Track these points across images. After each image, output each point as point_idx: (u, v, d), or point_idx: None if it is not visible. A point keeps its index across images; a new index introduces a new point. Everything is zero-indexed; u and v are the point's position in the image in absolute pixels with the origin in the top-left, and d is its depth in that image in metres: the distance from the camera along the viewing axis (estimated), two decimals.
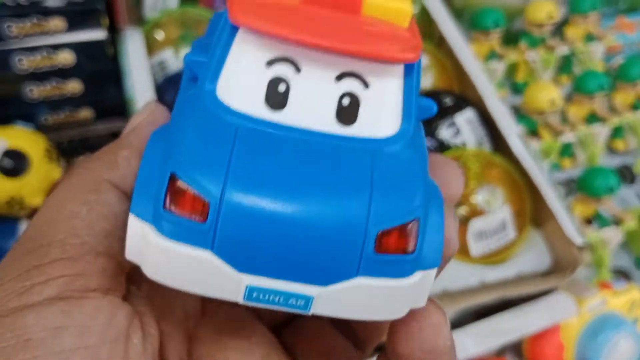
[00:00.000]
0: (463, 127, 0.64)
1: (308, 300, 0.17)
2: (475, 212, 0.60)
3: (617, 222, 0.66)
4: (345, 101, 0.19)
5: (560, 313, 0.58)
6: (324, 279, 0.17)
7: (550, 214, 0.59)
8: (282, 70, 0.18)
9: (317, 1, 0.18)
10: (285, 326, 0.25)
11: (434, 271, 0.18)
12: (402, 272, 0.18)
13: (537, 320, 0.57)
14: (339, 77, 0.19)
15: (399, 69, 0.19)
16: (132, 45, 0.64)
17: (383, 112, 0.19)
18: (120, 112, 0.64)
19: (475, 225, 0.59)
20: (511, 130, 0.64)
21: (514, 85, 0.79)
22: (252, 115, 0.18)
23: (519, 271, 0.60)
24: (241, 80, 0.19)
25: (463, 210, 0.60)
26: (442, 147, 0.63)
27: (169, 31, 0.68)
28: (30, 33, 0.58)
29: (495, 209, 0.60)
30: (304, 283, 0.17)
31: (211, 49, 0.19)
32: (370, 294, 0.17)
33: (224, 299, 0.18)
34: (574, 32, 0.81)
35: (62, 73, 0.60)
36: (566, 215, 0.59)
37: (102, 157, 0.21)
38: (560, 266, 0.59)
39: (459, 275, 0.58)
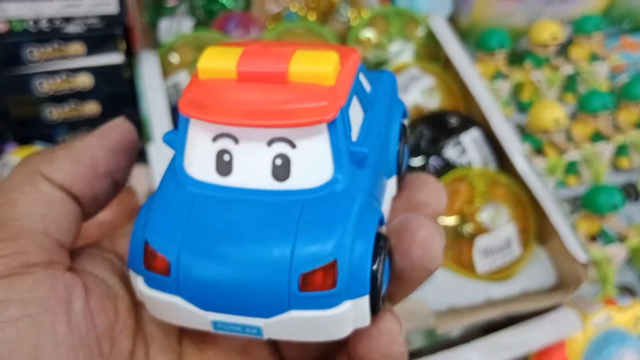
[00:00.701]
0: (469, 147, 0.65)
1: (259, 329, 0.21)
2: (481, 230, 0.61)
3: (622, 238, 0.67)
4: (278, 161, 0.22)
5: (565, 328, 0.59)
6: (266, 312, 0.21)
7: (555, 231, 0.60)
8: (225, 143, 0.22)
9: (250, 77, 0.22)
10: None
11: (364, 298, 0.21)
12: (328, 304, 0.21)
13: (542, 336, 0.58)
14: (270, 143, 0.22)
15: (320, 128, 0.22)
16: (148, 68, 0.66)
17: (312, 165, 0.22)
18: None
19: (481, 242, 0.60)
20: (516, 150, 0.65)
21: (520, 104, 0.80)
22: (207, 182, 0.23)
23: (524, 287, 0.61)
24: (196, 155, 0.23)
25: (469, 228, 0.62)
26: (448, 167, 0.64)
27: (184, 54, 0.70)
28: (51, 57, 0.60)
29: (501, 227, 0.62)
30: (252, 317, 0.21)
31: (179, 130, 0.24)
32: (305, 323, 0.21)
33: (199, 329, 0.22)
34: (578, 52, 0.82)
35: (81, 95, 0.62)
36: (570, 232, 0.60)
37: (41, 154, 0.25)
38: (565, 282, 0.60)
39: (465, 291, 0.59)
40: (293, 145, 0.22)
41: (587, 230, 0.67)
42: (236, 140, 0.22)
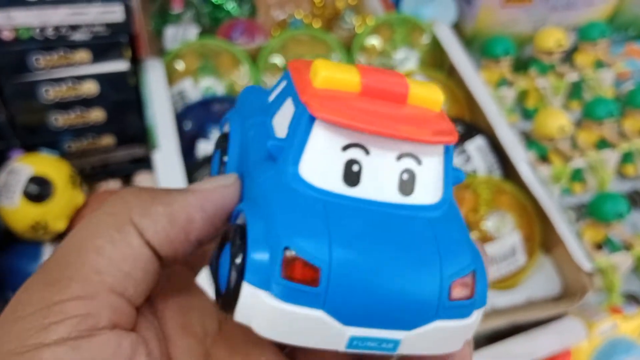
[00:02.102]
0: (473, 155, 0.65)
1: (396, 343, 0.21)
2: (486, 238, 0.61)
3: (628, 247, 0.67)
4: (405, 176, 0.22)
5: (570, 337, 0.59)
6: (410, 324, 0.21)
7: (560, 240, 0.60)
8: (355, 153, 0.22)
9: (373, 92, 0.22)
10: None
11: (482, 309, 0.22)
12: (466, 313, 0.21)
13: (548, 345, 0.58)
14: (399, 157, 0.22)
15: (440, 149, 0.23)
16: (153, 75, 0.66)
17: (431, 184, 0.23)
18: (141, 139, 0.66)
19: (486, 251, 0.60)
20: (521, 158, 0.65)
21: (525, 111, 0.80)
22: (333, 192, 0.22)
23: (529, 296, 0.61)
24: (322, 163, 0.22)
25: (474, 236, 0.61)
26: None
27: (189, 62, 0.71)
28: (57, 65, 0.60)
29: (505, 235, 0.61)
30: (394, 329, 0.21)
31: (289, 135, 0.23)
32: (443, 333, 0.21)
33: (326, 349, 0.21)
34: (583, 59, 0.82)
35: (86, 102, 0.63)
36: (575, 241, 0.60)
37: (137, 202, 0.22)
38: (570, 291, 0.60)
39: None
40: (419, 162, 0.23)
41: (593, 239, 0.67)
42: (367, 152, 0.22)
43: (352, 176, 0.22)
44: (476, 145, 0.66)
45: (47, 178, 0.57)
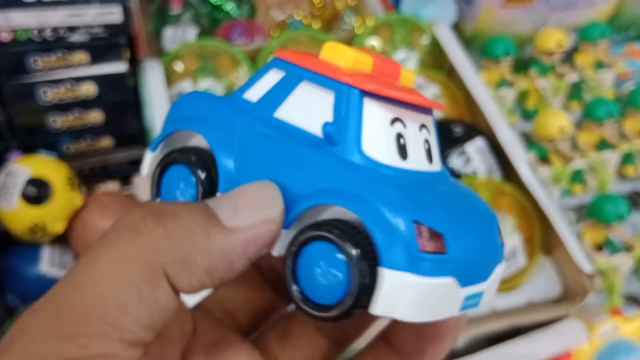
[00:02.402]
0: (473, 156, 0.65)
1: (480, 294, 0.22)
2: None
3: (628, 248, 0.66)
4: (426, 145, 0.24)
5: (571, 339, 0.58)
6: (487, 274, 0.22)
7: (560, 241, 0.60)
8: (399, 127, 0.23)
9: (380, 71, 0.24)
10: (270, 335, 0.27)
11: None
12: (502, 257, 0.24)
13: (548, 347, 0.58)
14: (420, 128, 0.24)
15: (432, 118, 0.25)
16: (152, 77, 0.66)
17: (437, 151, 0.25)
18: (139, 140, 0.66)
19: None
20: (521, 159, 0.65)
21: (525, 112, 0.80)
22: (398, 167, 0.22)
23: (529, 298, 0.60)
24: (378, 138, 0.22)
25: None
26: (452, 176, 0.64)
27: (188, 63, 0.70)
28: (55, 66, 0.60)
29: (506, 237, 0.61)
30: (482, 282, 0.22)
31: (341, 116, 0.22)
32: (498, 279, 0.23)
33: (444, 318, 0.21)
34: (583, 59, 0.82)
35: (85, 104, 0.62)
36: (576, 243, 0.60)
37: (170, 248, 0.19)
38: (571, 293, 0.60)
39: None
40: (429, 132, 0.24)
41: (593, 240, 0.67)
42: (404, 125, 0.23)
43: (402, 150, 0.23)
44: (476, 147, 0.66)
45: (46, 180, 0.57)
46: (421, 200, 0.21)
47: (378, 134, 0.22)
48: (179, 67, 0.70)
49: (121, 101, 0.64)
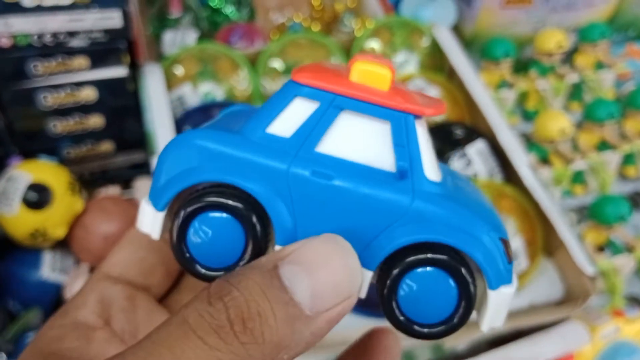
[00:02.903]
0: (474, 158, 0.65)
1: None
2: None
3: (630, 249, 0.66)
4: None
5: (573, 342, 0.58)
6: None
7: (562, 244, 0.60)
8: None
9: (398, 94, 0.23)
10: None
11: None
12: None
13: (550, 349, 0.58)
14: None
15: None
16: (152, 81, 0.66)
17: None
18: (140, 144, 0.66)
19: None
20: (522, 161, 0.65)
21: (525, 113, 0.80)
22: (439, 182, 0.23)
23: (531, 300, 0.60)
24: (432, 160, 0.23)
25: None
26: None
27: (188, 67, 0.70)
28: (55, 71, 0.60)
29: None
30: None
31: (404, 146, 0.22)
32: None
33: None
34: (583, 60, 0.82)
35: (85, 108, 0.62)
36: (577, 245, 0.60)
37: (262, 348, 0.19)
38: (573, 295, 0.60)
39: None
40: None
41: (595, 241, 0.67)
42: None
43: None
44: (477, 149, 0.66)
45: (46, 185, 0.57)
46: (482, 213, 0.22)
47: (430, 156, 0.23)
48: (179, 71, 0.70)
49: (121, 106, 0.64)
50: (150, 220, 0.23)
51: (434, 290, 0.22)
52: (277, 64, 0.73)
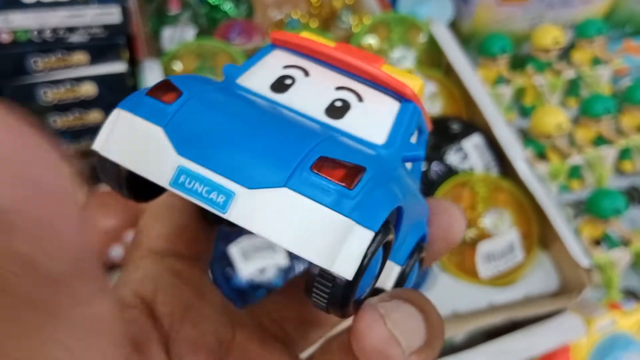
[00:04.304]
0: (470, 152, 0.65)
1: (229, 196, 0.17)
2: (484, 235, 0.61)
3: (626, 243, 0.67)
4: (338, 103, 0.21)
5: (569, 333, 0.59)
6: (251, 181, 0.17)
7: (557, 236, 0.60)
8: (293, 72, 0.22)
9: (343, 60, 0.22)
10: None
11: (368, 233, 0.17)
12: (333, 202, 0.17)
13: (546, 341, 0.58)
14: (339, 88, 0.21)
15: (395, 106, 0.22)
16: (151, 76, 0.66)
17: (368, 123, 0.21)
18: None
19: (484, 247, 0.60)
20: (518, 155, 0.65)
21: (522, 108, 0.80)
22: (256, 92, 0.22)
23: (527, 292, 0.61)
24: (257, 74, 0.22)
25: (471, 234, 0.62)
26: (450, 172, 0.65)
27: (186, 62, 0.71)
28: (55, 67, 0.60)
29: (503, 232, 0.62)
30: (231, 180, 0.17)
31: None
32: (293, 212, 0.17)
33: (152, 179, 0.18)
34: (580, 56, 0.83)
35: (85, 104, 0.63)
36: (573, 237, 0.60)
37: None
38: (568, 287, 0.60)
39: (468, 297, 0.59)
40: (360, 99, 0.21)
41: (591, 235, 0.67)
42: (307, 73, 0.22)
43: (280, 86, 0.22)
44: (473, 143, 0.66)
45: None
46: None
47: (257, 71, 0.23)
48: (177, 67, 0.71)
49: (120, 101, 0.64)
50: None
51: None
52: None
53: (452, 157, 0.65)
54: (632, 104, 0.78)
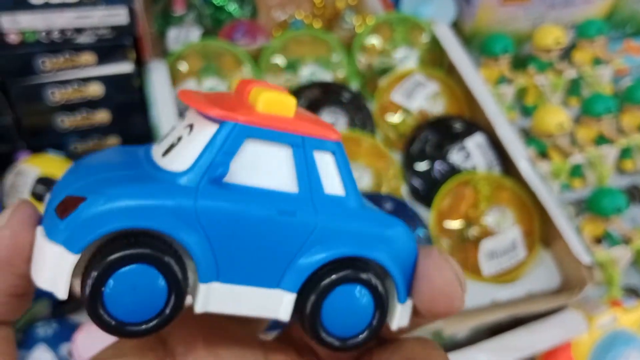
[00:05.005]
0: (473, 151, 0.66)
1: None
2: (486, 233, 0.62)
3: (627, 241, 0.67)
4: (174, 142, 0.24)
5: (570, 330, 0.59)
6: None
7: (559, 234, 0.61)
8: (183, 131, 0.24)
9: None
10: None
11: (70, 256, 0.20)
12: (52, 234, 0.21)
13: (548, 337, 0.59)
14: (186, 127, 0.24)
15: (212, 128, 0.22)
16: (157, 77, 0.67)
17: (184, 151, 0.23)
18: (145, 139, 0.67)
19: (487, 245, 0.61)
20: (520, 154, 0.66)
21: (524, 108, 0.81)
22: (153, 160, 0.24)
23: (529, 290, 0.61)
24: (165, 142, 0.24)
25: (474, 231, 0.62)
26: (452, 171, 0.65)
27: (192, 63, 0.71)
28: (63, 67, 0.61)
29: (506, 230, 0.62)
30: None
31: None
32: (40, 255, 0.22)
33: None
34: (581, 56, 0.83)
35: (92, 104, 0.63)
36: (574, 235, 0.61)
37: None
38: (570, 285, 0.61)
39: (471, 294, 0.60)
40: (190, 131, 0.23)
41: (592, 233, 0.68)
42: (192, 129, 0.25)
43: (169, 149, 0.23)
44: (476, 142, 0.67)
45: (54, 178, 0.58)
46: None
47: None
48: (183, 67, 0.71)
49: (127, 101, 0.65)
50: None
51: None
52: (279, 60, 0.75)
53: (455, 156, 0.66)
54: (632, 103, 0.78)
